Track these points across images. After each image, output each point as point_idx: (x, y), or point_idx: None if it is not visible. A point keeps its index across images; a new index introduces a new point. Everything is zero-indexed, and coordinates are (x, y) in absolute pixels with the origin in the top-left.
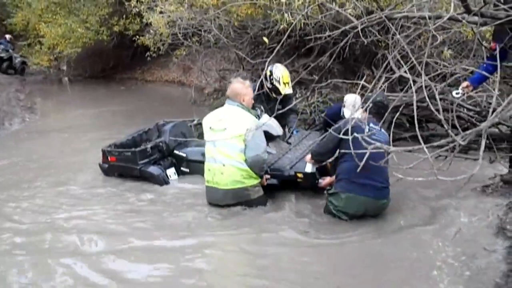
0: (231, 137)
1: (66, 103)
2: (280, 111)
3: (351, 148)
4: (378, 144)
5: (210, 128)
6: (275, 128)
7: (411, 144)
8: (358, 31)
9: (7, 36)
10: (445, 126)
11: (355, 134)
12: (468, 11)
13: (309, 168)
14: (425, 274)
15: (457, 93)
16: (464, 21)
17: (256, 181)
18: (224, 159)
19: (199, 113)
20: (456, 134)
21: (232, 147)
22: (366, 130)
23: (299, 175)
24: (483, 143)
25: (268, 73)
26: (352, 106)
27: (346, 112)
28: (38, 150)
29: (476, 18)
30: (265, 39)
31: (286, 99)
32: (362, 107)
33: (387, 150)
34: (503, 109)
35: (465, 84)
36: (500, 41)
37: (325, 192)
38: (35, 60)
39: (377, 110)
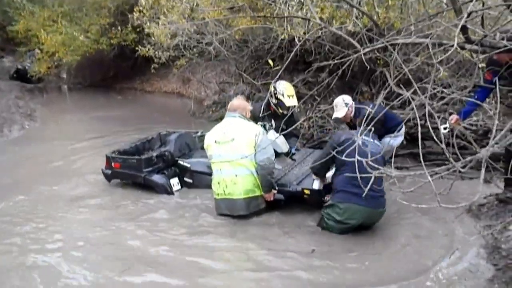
0: (242, 145)
1: (65, 111)
2: (284, 132)
3: (347, 161)
4: (372, 164)
5: (216, 142)
6: (280, 145)
7: (408, 161)
8: (358, 51)
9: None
10: (447, 154)
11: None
12: (469, 41)
13: (316, 185)
14: None
15: (445, 128)
16: (465, 50)
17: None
18: (236, 170)
19: (198, 125)
20: (452, 153)
21: (242, 155)
22: (360, 142)
23: (306, 191)
24: (483, 171)
25: (272, 89)
26: (335, 105)
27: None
28: (38, 157)
29: (476, 47)
30: (270, 61)
31: (291, 119)
32: (358, 123)
33: (390, 175)
34: (501, 138)
35: (454, 118)
36: (494, 73)
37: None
38: (35, 68)
39: (369, 122)
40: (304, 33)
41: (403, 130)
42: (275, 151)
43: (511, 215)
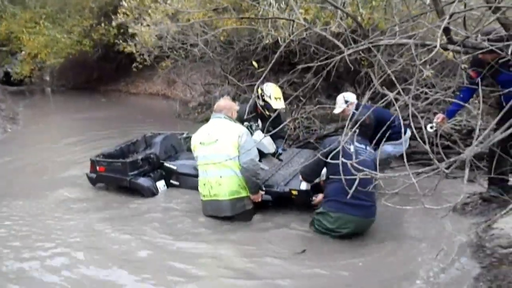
0: (225, 146)
1: (48, 114)
2: (271, 133)
3: (340, 170)
4: (366, 171)
5: (200, 143)
6: (267, 146)
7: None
8: (342, 52)
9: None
10: (431, 155)
11: (343, 160)
12: (451, 42)
13: (303, 185)
14: None
15: (431, 127)
16: (448, 51)
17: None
18: (220, 171)
19: (183, 127)
20: (437, 153)
21: (227, 156)
22: (352, 150)
23: (294, 192)
24: (466, 172)
25: (260, 91)
26: (336, 101)
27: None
28: (19, 161)
29: (458, 48)
30: (254, 63)
31: (278, 120)
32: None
33: (375, 177)
34: (484, 138)
35: (440, 117)
36: (478, 72)
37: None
38: (17, 70)
39: (360, 129)
40: (289, 35)
41: (407, 135)
42: (262, 152)
43: (495, 213)
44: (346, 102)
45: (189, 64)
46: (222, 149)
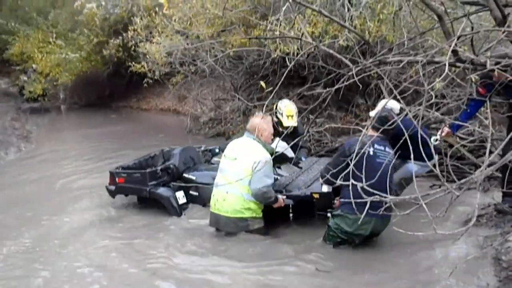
0: (239, 167)
1: (61, 132)
2: (290, 145)
3: (363, 171)
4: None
5: (225, 155)
6: (290, 150)
7: None
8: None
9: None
10: (440, 177)
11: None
12: (460, 61)
13: (325, 188)
14: None
15: (435, 140)
16: (459, 68)
17: (255, 215)
18: (228, 187)
19: (195, 142)
20: (452, 165)
21: (238, 177)
22: (371, 152)
23: (315, 195)
24: (478, 196)
25: (275, 107)
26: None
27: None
28: (34, 179)
29: (467, 65)
30: (262, 83)
31: (296, 134)
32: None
33: (385, 200)
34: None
35: (445, 131)
36: (488, 89)
37: (329, 214)
38: (30, 89)
39: (381, 125)
40: (298, 49)
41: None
42: (282, 159)
43: (510, 225)
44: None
45: (199, 79)
46: (236, 169)
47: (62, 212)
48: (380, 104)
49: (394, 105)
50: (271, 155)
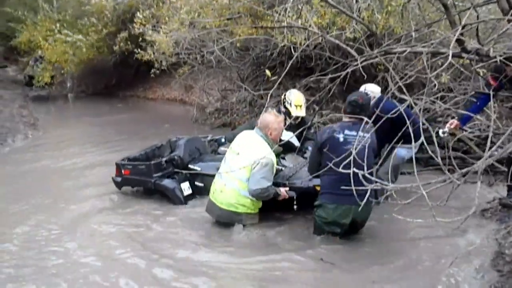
0: (240, 163)
1: (68, 119)
2: (296, 132)
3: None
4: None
5: (231, 147)
6: (295, 138)
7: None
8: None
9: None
10: (442, 167)
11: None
12: (465, 51)
13: None
14: None
15: (443, 132)
16: (463, 59)
17: (250, 211)
18: (227, 180)
19: (201, 132)
20: (455, 158)
21: (238, 172)
22: (341, 138)
23: (318, 187)
24: (478, 184)
25: (283, 97)
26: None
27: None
28: (40, 167)
29: (472, 56)
30: (268, 72)
31: (303, 124)
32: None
33: (387, 188)
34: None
35: (454, 124)
36: (497, 79)
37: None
38: (38, 77)
39: (352, 110)
40: (305, 39)
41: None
42: (287, 149)
43: None
44: (366, 94)
45: (205, 70)
46: (237, 164)
47: (68, 199)
48: (360, 90)
49: (373, 88)
50: (277, 156)
